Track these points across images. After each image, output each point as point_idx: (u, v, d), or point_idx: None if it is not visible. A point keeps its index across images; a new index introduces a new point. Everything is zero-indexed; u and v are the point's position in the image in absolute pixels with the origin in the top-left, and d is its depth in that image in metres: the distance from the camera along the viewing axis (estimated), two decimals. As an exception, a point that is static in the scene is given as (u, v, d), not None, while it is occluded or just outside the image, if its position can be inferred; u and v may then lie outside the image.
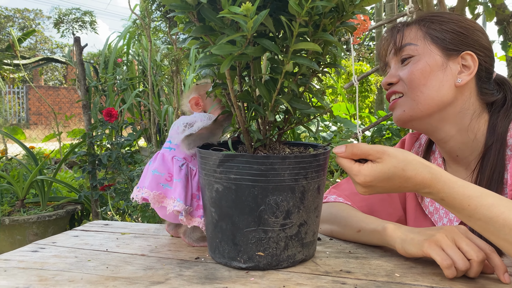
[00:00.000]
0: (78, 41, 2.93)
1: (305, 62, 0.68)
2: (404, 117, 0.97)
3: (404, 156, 0.73)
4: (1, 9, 21.64)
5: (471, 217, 0.71)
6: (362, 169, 0.74)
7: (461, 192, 0.71)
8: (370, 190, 0.75)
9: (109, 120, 2.63)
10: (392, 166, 0.72)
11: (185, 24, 0.75)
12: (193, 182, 0.88)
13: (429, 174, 0.73)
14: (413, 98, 0.95)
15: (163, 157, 0.89)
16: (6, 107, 12.17)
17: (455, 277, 0.71)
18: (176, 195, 0.85)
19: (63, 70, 20.30)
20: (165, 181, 0.87)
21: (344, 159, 0.76)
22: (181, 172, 0.87)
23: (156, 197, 0.87)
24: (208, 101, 0.92)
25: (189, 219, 0.86)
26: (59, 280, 0.71)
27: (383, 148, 0.74)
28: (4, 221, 2.89)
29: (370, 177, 0.73)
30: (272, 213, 0.74)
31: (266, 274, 0.74)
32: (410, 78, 0.95)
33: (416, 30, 0.98)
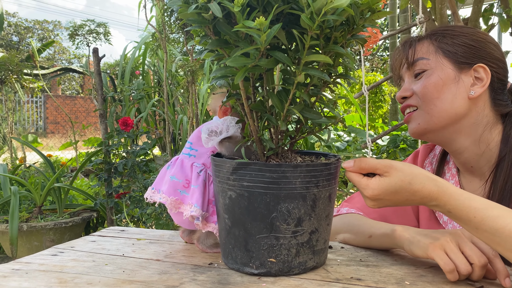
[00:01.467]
0: (96, 52, 3.01)
1: (316, 73, 0.70)
2: (419, 130, 1.00)
3: (410, 170, 0.76)
4: (22, 20, 22.22)
5: (477, 229, 0.73)
6: (370, 183, 0.77)
7: (467, 204, 0.73)
8: (379, 203, 0.78)
9: (125, 129, 2.68)
10: (399, 180, 0.75)
11: (201, 37, 0.78)
12: (210, 188, 0.90)
13: (436, 187, 0.75)
14: (427, 111, 0.97)
15: (182, 164, 0.91)
16: (25, 116, 12.44)
17: (458, 281, 0.72)
18: (194, 200, 0.87)
19: (80, 80, 20.69)
20: (183, 188, 0.90)
21: (353, 174, 0.79)
22: (199, 178, 0.89)
23: (173, 203, 0.89)
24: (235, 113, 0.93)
25: (204, 224, 0.89)
26: (78, 283, 0.74)
27: (390, 162, 0.77)
28: (22, 227, 2.96)
29: (377, 191, 0.76)
30: (284, 220, 0.76)
31: (278, 280, 0.76)
32: (423, 92, 0.97)
33: (428, 45, 1.00)
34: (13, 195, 2.98)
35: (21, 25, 21.89)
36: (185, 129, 5.74)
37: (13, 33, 21.20)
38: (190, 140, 0.94)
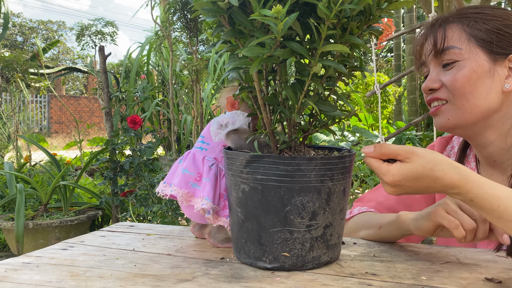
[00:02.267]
0: (102, 50, 3.01)
1: (332, 64, 0.69)
2: (448, 125, 0.95)
3: (433, 156, 0.73)
4: (26, 21, 22.31)
5: (500, 218, 0.70)
6: (390, 168, 0.73)
7: (491, 193, 0.70)
8: (399, 189, 0.75)
9: (133, 127, 2.67)
10: (420, 166, 0.72)
11: (214, 29, 0.77)
12: (221, 182, 0.89)
13: (458, 174, 0.72)
14: (458, 106, 0.92)
15: (194, 157, 0.91)
16: (29, 115, 12.48)
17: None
18: (205, 193, 0.87)
19: (84, 80, 20.75)
20: (194, 181, 0.89)
21: (373, 159, 0.76)
22: (211, 172, 0.89)
23: (184, 196, 0.88)
24: (244, 104, 0.93)
25: (215, 218, 0.88)
26: (89, 276, 0.73)
27: (412, 148, 0.74)
28: (28, 225, 2.96)
29: (398, 176, 0.73)
30: (298, 214, 0.75)
31: (292, 274, 0.75)
32: (454, 86, 0.91)
33: (459, 31, 0.92)
34: (19, 193, 2.98)
35: (26, 25, 21.98)
36: (189, 129, 5.74)
37: (17, 33, 21.29)
38: (202, 134, 0.94)
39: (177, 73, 5.88)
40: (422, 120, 6.26)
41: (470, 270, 0.77)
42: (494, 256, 0.86)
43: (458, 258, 0.84)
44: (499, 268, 0.78)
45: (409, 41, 7.36)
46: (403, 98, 8.83)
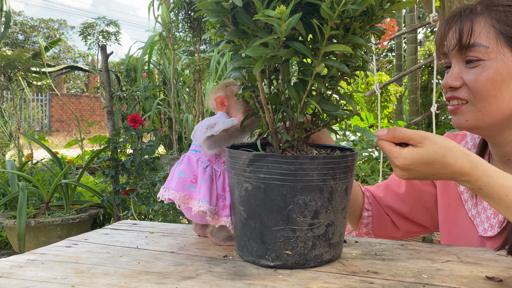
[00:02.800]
0: (104, 49, 3.02)
1: (335, 64, 0.70)
2: (466, 126, 0.91)
3: (445, 142, 0.73)
4: (27, 19, 22.32)
5: (507, 208, 0.70)
6: (402, 152, 0.74)
7: (500, 182, 0.71)
8: (409, 173, 0.75)
9: (134, 126, 2.68)
10: (432, 151, 0.72)
11: (218, 29, 0.78)
12: (217, 183, 0.90)
13: (469, 162, 0.72)
14: (479, 108, 0.87)
15: (188, 160, 0.92)
16: (31, 114, 12.50)
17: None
18: (201, 196, 0.87)
19: (85, 78, 20.77)
20: (190, 183, 0.90)
21: (385, 142, 0.77)
22: (206, 173, 0.89)
23: (181, 199, 0.89)
24: (233, 102, 0.94)
25: (215, 219, 0.88)
26: (94, 273, 0.74)
27: (425, 133, 0.74)
28: (30, 223, 2.97)
29: (409, 160, 0.73)
30: (301, 213, 0.75)
31: (294, 272, 0.76)
32: (477, 87, 0.86)
33: (488, 27, 0.85)
34: (21, 191, 2.99)
35: (27, 23, 21.98)
36: (190, 128, 5.75)
37: (19, 32, 21.30)
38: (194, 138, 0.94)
39: (179, 72, 5.90)
40: (422, 120, 6.26)
41: (470, 268, 0.78)
42: (494, 255, 0.86)
43: (459, 257, 0.85)
44: (499, 267, 0.79)
45: (410, 41, 7.36)
46: (404, 98, 8.84)
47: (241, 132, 0.90)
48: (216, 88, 0.97)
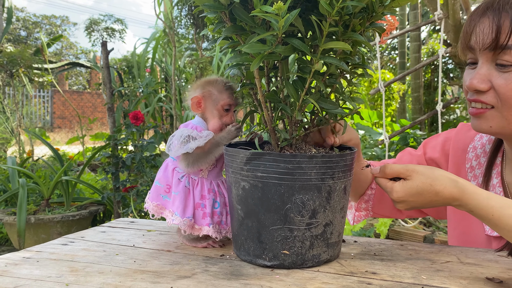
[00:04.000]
0: (105, 45, 3.01)
1: (334, 61, 0.69)
2: (488, 131, 0.87)
3: (431, 172, 0.78)
4: (30, 15, 22.31)
5: (497, 226, 0.75)
6: (394, 186, 0.80)
7: (485, 204, 0.75)
8: (405, 204, 0.80)
9: (135, 123, 2.68)
10: (420, 182, 0.78)
11: (216, 25, 0.77)
12: (195, 192, 0.88)
13: (456, 188, 0.77)
14: (506, 116, 0.82)
15: (165, 168, 0.90)
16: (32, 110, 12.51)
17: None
18: (174, 208, 0.86)
19: (87, 75, 20.77)
20: (164, 193, 0.89)
21: (380, 179, 0.83)
22: (180, 184, 0.87)
23: (155, 208, 0.89)
24: (210, 104, 0.89)
25: (195, 229, 0.86)
26: (89, 272, 0.73)
27: (413, 166, 0.79)
28: (30, 220, 2.97)
29: (402, 193, 0.79)
30: (298, 212, 0.74)
31: (291, 272, 0.75)
32: (508, 95, 0.79)
33: None
34: (21, 187, 2.99)
35: (29, 20, 21.98)
36: (191, 125, 5.73)
37: (21, 28, 21.31)
38: None
39: (181, 69, 5.88)
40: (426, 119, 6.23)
41: (470, 269, 0.77)
42: (495, 256, 0.85)
43: (459, 257, 0.84)
44: (500, 268, 0.78)
45: (413, 39, 7.32)
46: (407, 96, 8.81)
47: (217, 146, 0.87)
48: (194, 86, 0.92)
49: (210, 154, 0.87)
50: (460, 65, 3.33)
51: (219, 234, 0.87)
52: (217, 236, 0.87)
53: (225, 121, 0.89)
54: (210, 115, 0.89)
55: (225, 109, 0.89)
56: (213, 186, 0.89)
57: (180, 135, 0.85)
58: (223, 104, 0.89)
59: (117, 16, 5.06)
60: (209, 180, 0.89)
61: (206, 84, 0.90)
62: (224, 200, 0.90)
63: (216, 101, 0.89)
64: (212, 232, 0.86)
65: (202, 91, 0.89)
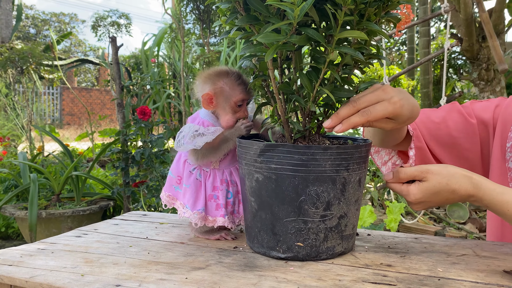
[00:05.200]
0: (114, 41, 3.02)
1: (349, 51, 0.68)
2: None
3: (446, 170, 0.79)
4: (39, 13, 22.46)
5: None
6: (410, 189, 0.80)
7: (499, 199, 0.76)
8: (422, 205, 0.81)
9: (143, 118, 2.68)
10: (436, 182, 0.78)
11: (229, 16, 0.76)
12: (207, 183, 0.87)
13: (471, 184, 0.78)
14: None
15: (178, 159, 0.90)
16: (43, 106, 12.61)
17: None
18: (185, 201, 0.86)
19: (95, 72, 20.88)
20: (176, 184, 0.89)
21: (394, 184, 0.82)
22: (191, 177, 0.87)
23: (167, 199, 0.89)
24: (222, 100, 0.86)
25: (209, 221, 0.86)
26: (104, 263, 0.73)
27: (427, 167, 0.80)
28: (41, 214, 3.00)
29: (419, 195, 0.79)
30: (313, 204, 0.74)
31: (305, 264, 0.74)
32: None
33: None
34: (32, 182, 3.02)
35: (38, 17, 22.13)
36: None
37: (30, 25, 21.46)
38: None
39: (189, 65, 5.89)
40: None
41: (487, 262, 0.76)
42: (511, 249, 0.84)
43: (474, 251, 0.83)
44: (517, 261, 0.77)
45: (422, 34, 7.25)
46: (416, 92, 8.73)
47: (226, 141, 0.86)
48: (203, 80, 0.88)
49: (219, 149, 0.86)
50: (472, 60, 3.29)
51: (233, 224, 0.87)
52: (231, 226, 0.86)
53: (239, 116, 0.88)
54: (223, 112, 0.87)
55: (239, 105, 0.87)
56: (225, 176, 0.89)
57: (187, 131, 0.84)
58: (236, 100, 0.86)
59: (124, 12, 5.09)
60: (221, 170, 0.89)
61: (216, 78, 0.87)
62: (236, 189, 0.89)
63: (228, 97, 0.86)
64: (228, 222, 0.86)
65: (213, 87, 0.86)
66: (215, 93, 0.86)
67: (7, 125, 5.17)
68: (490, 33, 2.47)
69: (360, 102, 0.74)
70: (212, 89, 0.86)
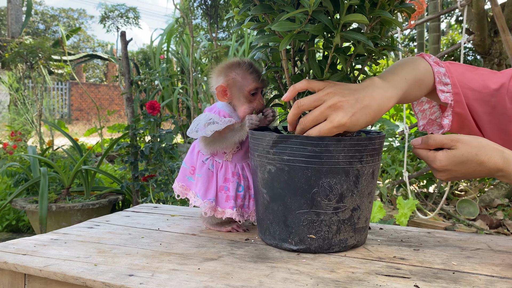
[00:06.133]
0: (123, 35, 3.02)
1: (358, 37, 0.67)
2: None
3: (477, 142, 0.76)
4: (48, 8, 22.60)
5: None
6: (437, 155, 0.77)
7: None
8: (447, 174, 0.78)
9: (152, 113, 2.69)
10: (465, 151, 0.75)
11: (242, 7, 0.76)
12: (219, 174, 0.87)
13: (501, 158, 0.75)
14: None
15: (192, 149, 0.90)
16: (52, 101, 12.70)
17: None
18: (197, 190, 0.87)
19: (104, 68, 20.96)
20: (190, 174, 0.89)
21: (421, 150, 0.80)
22: (204, 166, 0.87)
23: (180, 189, 0.89)
24: (236, 92, 0.86)
25: (218, 212, 0.86)
26: (116, 253, 0.73)
27: (457, 136, 0.77)
28: (51, 208, 3.02)
29: (445, 162, 0.76)
30: (325, 196, 0.73)
31: (318, 257, 0.74)
32: None
33: None
34: (43, 176, 3.04)
35: (47, 13, 22.26)
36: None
37: (39, 21, 21.60)
38: None
39: (197, 61, 5.89)
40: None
41: (502, 257, 0.75)
42: (527, 243, 0.83)
43: (489, 245, 0.82)
44: (533, 256, 0.76)
45: (432, 30, 7.17)
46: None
47: (233, 132, 0.85)
48: (216, 72, 0.89)
49: (225, 139, 0.85)
50: (483, 55, 3.25)
51: (241, 218, 0.87)
52: (240, 219, 0.86)
53: (255, 106, 0.87)
54: (238, 102, 0.87)
55: (252, 94, 0.86)
56: (237, 169, 0.88)
57: (203, 119, 0.85)
58: (249, 89, 0.85)
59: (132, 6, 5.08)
60: (233, 163, 0.88)
61: (228, 70, 0.87)
62: (248, 184, 0.89)
63: (241, 87, 0.86)
64: (236, 215, 0.85)
65: (226, 78, 0.86)
66: (228, 84, 0.86)
67: (18, 119, 5.21)
68: (502, 28, 2.44)
69: (302, 108, 0.73)
70: (225, 81, 0.86)
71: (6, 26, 6.76)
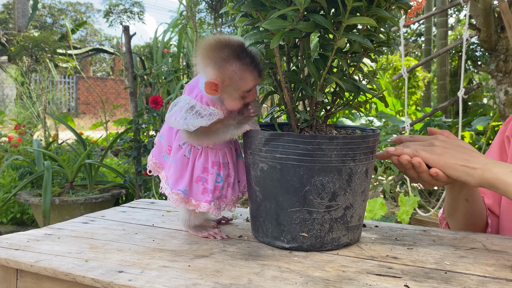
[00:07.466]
0: (127, 30, 3.02)
1: (358, 38, 0.66)
2: None
3: None
4: (55, 2, 22.66)
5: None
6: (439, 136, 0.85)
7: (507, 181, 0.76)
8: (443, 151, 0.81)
9: (155, 107, 2.69)
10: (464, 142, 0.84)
11: (235, 2, 0.75)
12: (197, 163, 0.79)
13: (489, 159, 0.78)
14: None
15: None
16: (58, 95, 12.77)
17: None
18: (169, 175, 0.80)
19: (110, 61, 21.02)
20: (166, 153, 0.82)
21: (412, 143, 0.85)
22: (179, 152, 0.79)
23: (153, 165, 0.83)
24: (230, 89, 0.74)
25: (191, 204, 0.79)
26: (108, 249, 0.74)
27: None
28: (55, 201, 3.05)
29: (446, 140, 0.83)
30: (318, 194, 0.73)
31: (310, 255, 0.74)
32: None
33: None
34: (46, 170, 3.07)
35: (55, 7, 22.33)
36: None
37: (47, 15, 21.68)
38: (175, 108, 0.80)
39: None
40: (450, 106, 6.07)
41: (496, 257, 0.74)
42: (523, 244, 0.82)
43: (484, 244, 0.81)
44: (528, 256, 0.75)
45: (440, 25, 7.11)
46: (432, 85, 8.59)
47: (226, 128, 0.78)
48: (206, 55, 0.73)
49: (216, 134, 0.77)
50: (489, 51, 3.22)
51: (218, 211, 0.80)
52: (216, 213, 0.80)
53: (247, 101, 0.78)
54: (229, 97, 0.75)
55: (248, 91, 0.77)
56: (218, 157, 0.80)
57: (183, 105, 0.75)
58: (247, 89, 0.75)
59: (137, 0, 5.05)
60: (214, 150, 0.79)
61: (223, 62, 0.72)
62: (227, 172, 0.81)
63: (238, 87, 0.74)
64: (213, 209, 0.79)
65: (220, 75, 0.72)
66: (222, 81, 0.73)
67: (23, 113, 5.25)
68: (509, 24, 2.41)
69: None
70: (219, 77, 0.72)
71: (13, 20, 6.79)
